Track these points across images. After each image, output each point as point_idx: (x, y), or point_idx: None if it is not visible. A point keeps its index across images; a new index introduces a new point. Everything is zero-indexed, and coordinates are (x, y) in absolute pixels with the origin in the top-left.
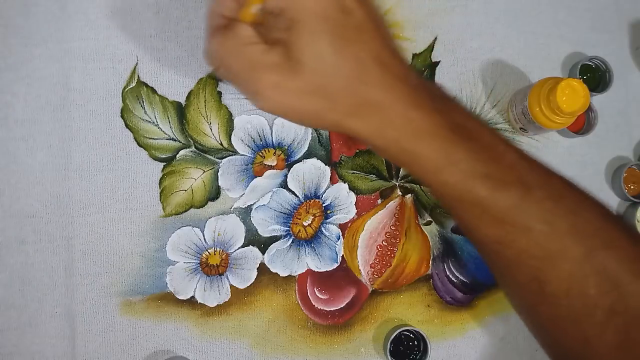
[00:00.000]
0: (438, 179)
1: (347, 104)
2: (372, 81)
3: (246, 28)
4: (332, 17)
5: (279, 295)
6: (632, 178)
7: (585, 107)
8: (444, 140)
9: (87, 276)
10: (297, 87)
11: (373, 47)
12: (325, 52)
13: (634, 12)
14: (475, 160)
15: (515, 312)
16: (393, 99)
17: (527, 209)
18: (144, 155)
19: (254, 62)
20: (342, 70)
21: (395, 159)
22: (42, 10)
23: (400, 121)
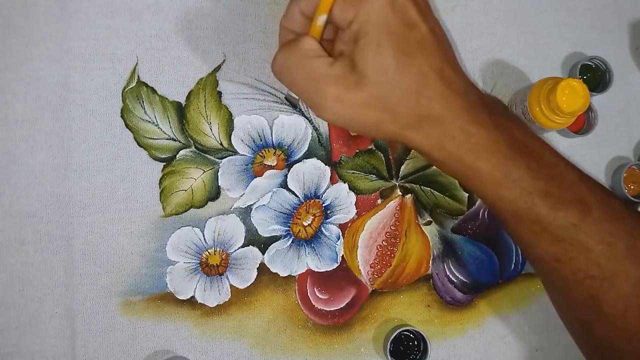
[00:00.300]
0: (497, 194)
1: (407, 117)
2: (434, 95)
3: (311, 41)
4: (397, 31)
5: (279, 295)
6: (632, 178)
7: (585, 107)
8: (504, 157)
9: (87, 276)
10: (360, 99)
11: (436, 61)
12: (389, 66)
13: (634, 12)
14: (534, 177)
15: (515, 311)
16: (453, 113)
17: (587, 229)
18: (144, 155)
19: (318, 75)
20: (404, 83)
21: (453, 173)
22: (42, 10)
23: (460, 136)
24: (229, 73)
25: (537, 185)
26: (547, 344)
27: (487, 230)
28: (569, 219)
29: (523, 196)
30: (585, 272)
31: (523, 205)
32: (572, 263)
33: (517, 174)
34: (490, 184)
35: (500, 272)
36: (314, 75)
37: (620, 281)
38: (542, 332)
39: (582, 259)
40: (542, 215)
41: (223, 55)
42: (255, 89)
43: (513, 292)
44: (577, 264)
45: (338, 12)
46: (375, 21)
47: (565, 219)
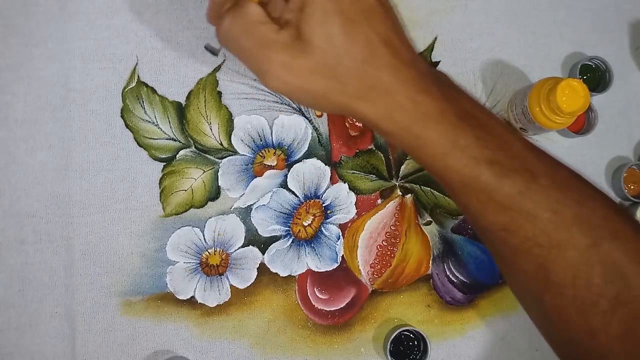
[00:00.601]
0: (444, 164)
1: (355, 86)
2: (382, 64)
3: (256, 7)
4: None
5: (279, 295)
6: (632, 178)
7: (585, 107)
8: (451, 126)
9: (87, 276)
10: (307, 66)
11: (382, 30)
12: (335, 34)
13: (634, 12)
14: (482, 146)
15: (515, 311)
16: (401, 82)
17: (534, 197)
18: (144, 155)
19: (264, 41)
20: (351, 51)
21: (402, 143)
22: (42, 10)
23: (408, 105)
24: (229, 73)
25: (484, 153)
26: (547, 344)
27: None
28: (515, 187)
29: (470, 165)
30: (533, 240)
31: (470, 173)
32: (520, 232)
33: (464, 143)
34: (437, 153)
35: (500, 272)
36: (260, 41)
37: (568, 249)
38: None
39: (529, 227)
40: (489, 184)
41: (223, 55)
42: (255, 89)
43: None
44: (525, 233)
45: None
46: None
47: (512, 187)
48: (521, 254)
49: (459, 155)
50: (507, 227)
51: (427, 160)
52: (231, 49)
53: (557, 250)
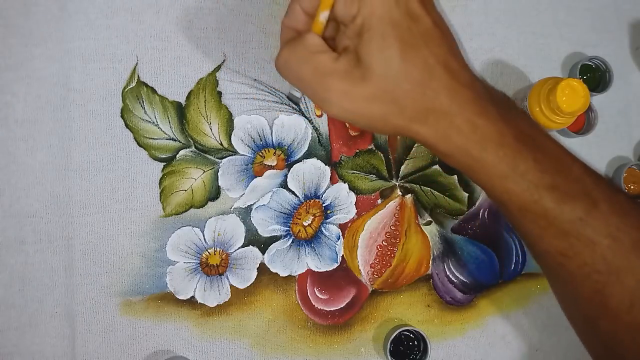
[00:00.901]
0: (503, 188)
1: (414, 109)
2: (439, 87)
3: (314, 37)
4: (400, 23)
5: (279, 295)
6: (632, 178)
7: (585, 107)
8: (510, 149)
9: (87, 276)
10: (366, 93)
11: (440, 53)
12: (394, 58)
13: (634, 12)
14: (541, 171)
15: (515, 311)
16: (460, 105)
17: (593, 223)
18: (144, 155)
19: (323, 70)
20: (410, 76)
21: (460, 165)
22: (42, 10)
23: (467, 128)
24: (229, 73)
25: (543, 178)
26: (547, 344)
27: (487, 230)
28: (575, 213)
29: (530, 189)
30: (592, 266)
31: (529, 198)
32: (579, 257)
33: (524, 167)
34: (496, 176)
35: (500, 272)
36: (319, 70)
37: (627, 276)
38: (542, 332)
39: (588, 253)
40: (549, 209)
41: (223, 55)
42: (255, 89)
43: (513, 292)
44: (584, 258)
45: (341, 8)
46: (378, 14)
47: (572, 213)
48: (579, 279)
49: (519, 179)
50: (565, 253)
51: (485, 183)
52: (289, 77)
53: (616, 277)
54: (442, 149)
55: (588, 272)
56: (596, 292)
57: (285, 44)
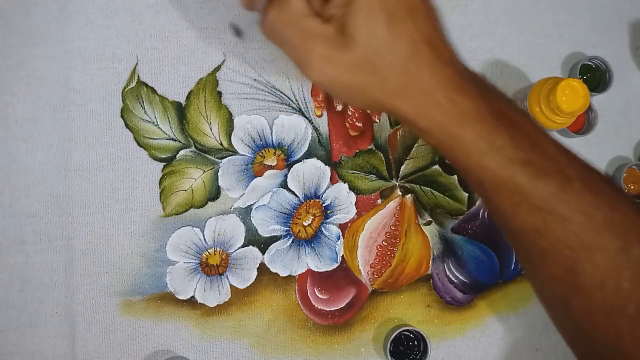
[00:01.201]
0: (479, 163)
1: (395, 83)
2: (422, 62)
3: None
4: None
5: (279, 295)
6: (632, 178)
7: (585, 107)
8: (488, 126)
9: (87, 276)
10: (348, 60)
11: (425, 29)
12: (379, 30)
13: (634, 12)
14: (517, 147)
15: (514, 311)
16: (441, 81)
17: (566, 199)
18: (144, 155)
19: (308, 34)
20: (394, 49)
21: (437, 142)
22: (42, 10)
23: (446, 104)
24: (229, 73)
25: (518, 154)
26: (547, 344)
27: (487, 230)
28: (549, 188)
29: (505, 165)
30: (564, 242)
31: (504, 174)
32: (551, 234)
33: (500, 143)
34: (473, 152)
35: (500, 272)
36: (304, 33)
37: (598, 253)
38: (542, 332)
39: (560, 230)
40: (523, 185)
41: (223, 55)
42: (255, 89)
43: (513, 292)
44: (556, 235)
45: None
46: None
47: (546, 189)
48: (551, 256)
49: (495, 155)
50: (538, 229)
51: (461, 159)
52: (274, 39)
53: (588, 254)
54: (420, 125)
55: (560, 248)
56: (568, 269)
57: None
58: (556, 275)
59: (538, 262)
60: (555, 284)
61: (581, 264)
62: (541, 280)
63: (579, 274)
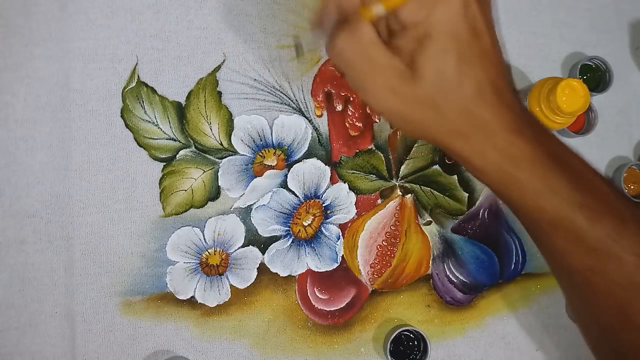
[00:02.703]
0: (535, 204)
1: (454, 122)
2: (484, 104)
3: (370, 28)
4: (463, 38)
5: (279, 295)
6: (632, 178)
7: (585, 107)
8: (544, 168)
9: (87, 276)
10: (412, 95)
11: (493, 73)
12: (449, 70)
13: (634, 12)
14: (573, 189)
15: (514, 311)
16: (500, 123)
17: (622, 241)
18: (144, 155)
19: (375, 63)
20: (460, 89)
21: (492, 181)
22: (42, 10)
23: (504, 145)
24: (229, 73)
25: (575, 196)
26: (547, 344)
27: (487, 230)
28: (605, 230)
29: (562, 206)
30: (617, 282)
31: (561, 215)
32: (605, 274)
33: (556, 185)
34: (529, 193)
35: (500, 272)
36: (372, 63)
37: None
38: (542, 332)
39: (614, 270)
40: (580, 226)
41: (223, 55)
42: (255, 89)
43: (513, 292)
44: (610, 275)
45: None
46: (444, 27)
47: (602, 231)
48: (603, 295)
49: (551, 197)
50: (593, 269)
51: (517, 199)
52: (339, 63)
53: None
54: (475, 164)
55: (614, 288)
56: (620, 307)
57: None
58: (608, 312)
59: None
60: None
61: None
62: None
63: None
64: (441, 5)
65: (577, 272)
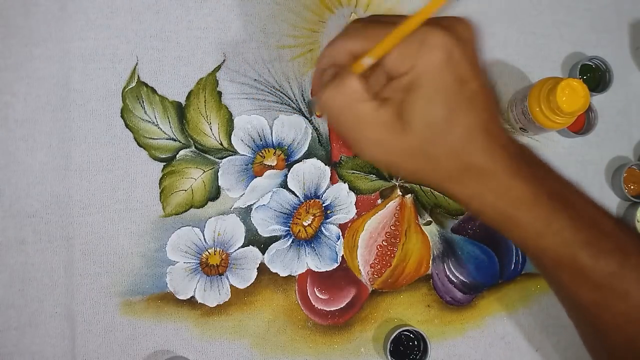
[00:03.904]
0: (538, 245)
1: (447, 169)
2: (478, 149)
3: (357, 82)
4: (449, 87)
5: (279, 295)
6: (632, 178)
7: (585, 107)
8: (545, 208)
9: (87, 276)
10: (402, 147)
11: (483, 117)
12: (437, 120)
13: (634, 12)
14: (576, 227)
15: (514, 311)
16: (495, 166)
17: (626, 275)
18: (144, 155)
19: (363, 118)
20: (450, 138)
21: (492, 222)
22: (42, 10)
23: (501, 188)
24: (229, 73)
25: (578, 235)
26: (547, 344)
27: (487, 230)
28: (610, 267)
29: (564, 246)
30: (625, 316)
31: (564, 254)
32: (612, 309)
33: (558, 226)
34: (530, 234)
35: (500, 272)
36: (359, 117)
37: None
38: (542, 332)
39: (621, 305)
40: (584, 264)
41: (223, 55)
42: (255, 89)
43: (513, 292)
44: (617, 309)
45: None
46: (430, 76)
47: (606, 267)
48: (612, 329)
49: (553, 237)
50: (599, 304)
51: (518, 240)
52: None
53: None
54: (474, 207)
55: (622, 322)
56: (630, 340)
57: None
58: (618, 345)
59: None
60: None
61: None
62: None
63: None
64: (424, 55)
65: (584, 308)
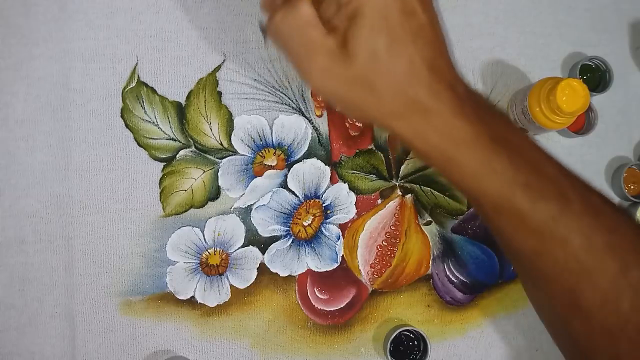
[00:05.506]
0: (478, 187)
1: (391, 104)
2: (421, 86)
3: (308, 7)
4: (393, 17)
5: (279, 295)
6: (632, 178)
7: (585, 107)
8: (486, 149)
9: (87, 276)
10: (346, 75)
11: (428, 52)
12: (380, 51)
13: (634, 12)
14: (516, 170)
15: (514, 311)
16: (439, 105)
17: (566, 222)
18: (144, 155)
19: (311, 43)
20: (392, 70)
21: (435, 164)
22: (42, 10)
23: (444, 127)
24: (229, 73)
25: (517, 177)
26: (547, 344)
27: (487, 231)
28: (548, 211)
29: (504, 188)
30: (563, 265)
31: (503, 197)
32: (551, 256)
33: (498, 167)
34: (471, 176)
35: (500, 272)
36: (308, 43)
37: (598, 276)
38: (542, 332)
39: (560, 252)
40: (522, 208)
41: (223, 55)
42: (255, 89)
43: (513, 292)
44: (556, 257)
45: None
46: (373, 4)
47: (545, 212)
48: (551, 278)
49: (493, 178)
50: (538, 251)
51: (459, 181)
52: (278, 43)
53: (587, 276)
54: (417, 147)
55: (560, 270)
56: (568, 290)
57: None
58: (556, 296)
59: (538, 284)
60: (556, 304)
61: (581, 286)
62: (541, 300)
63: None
64: None
65: (523, 254)
